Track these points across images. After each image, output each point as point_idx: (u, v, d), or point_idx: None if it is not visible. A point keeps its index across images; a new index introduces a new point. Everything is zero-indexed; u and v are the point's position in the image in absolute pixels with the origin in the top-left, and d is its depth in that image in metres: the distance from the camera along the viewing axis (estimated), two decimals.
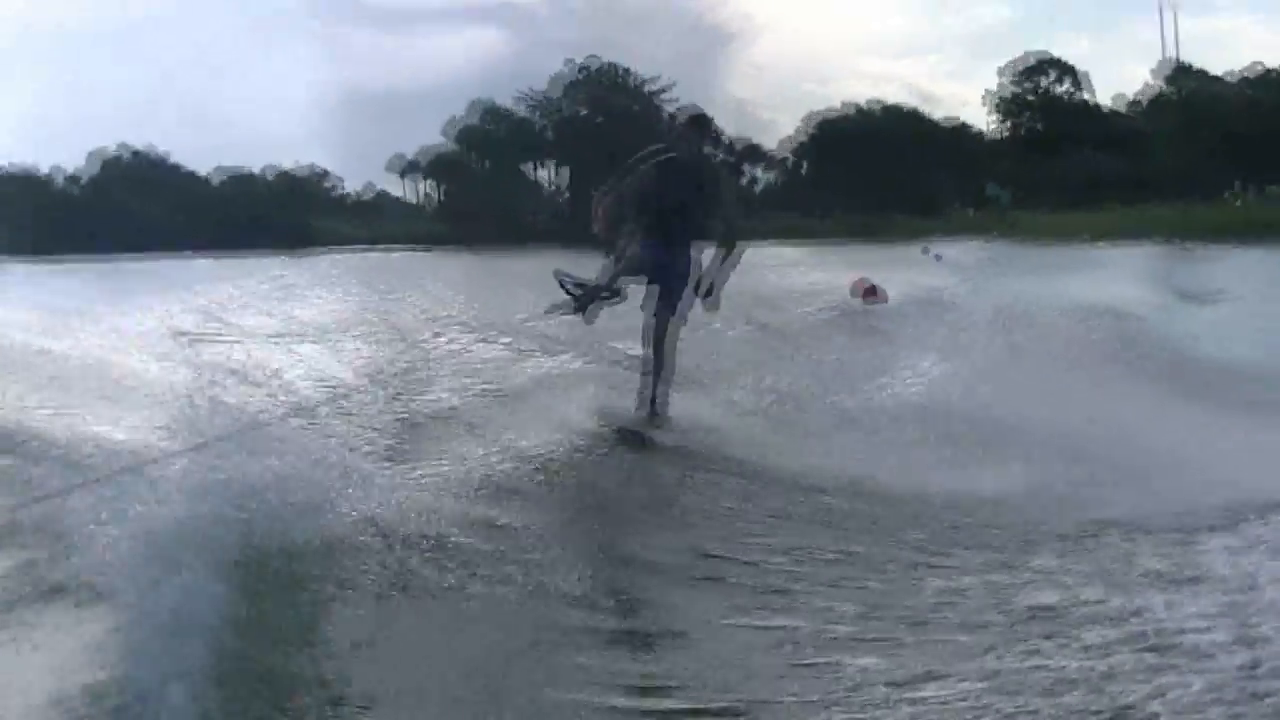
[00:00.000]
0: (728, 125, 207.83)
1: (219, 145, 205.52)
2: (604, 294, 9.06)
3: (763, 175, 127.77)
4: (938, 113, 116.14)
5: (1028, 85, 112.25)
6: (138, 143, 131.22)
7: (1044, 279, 31.52)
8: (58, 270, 68.26)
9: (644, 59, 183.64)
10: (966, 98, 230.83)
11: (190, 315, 17.88)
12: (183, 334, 15.90)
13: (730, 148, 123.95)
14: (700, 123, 9.59)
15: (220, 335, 16.63)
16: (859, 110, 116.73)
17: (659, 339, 9.32)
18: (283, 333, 17.31)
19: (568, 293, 9.06)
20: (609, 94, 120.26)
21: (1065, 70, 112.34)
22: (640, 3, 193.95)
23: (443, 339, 16.45)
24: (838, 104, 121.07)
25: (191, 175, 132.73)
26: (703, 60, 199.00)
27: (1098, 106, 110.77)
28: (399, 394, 12.36)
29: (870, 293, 24.64)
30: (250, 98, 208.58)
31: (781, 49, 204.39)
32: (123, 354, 13.69)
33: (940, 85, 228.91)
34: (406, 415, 11.18)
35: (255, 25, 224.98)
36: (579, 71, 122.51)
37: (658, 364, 9.35)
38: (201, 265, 52.47)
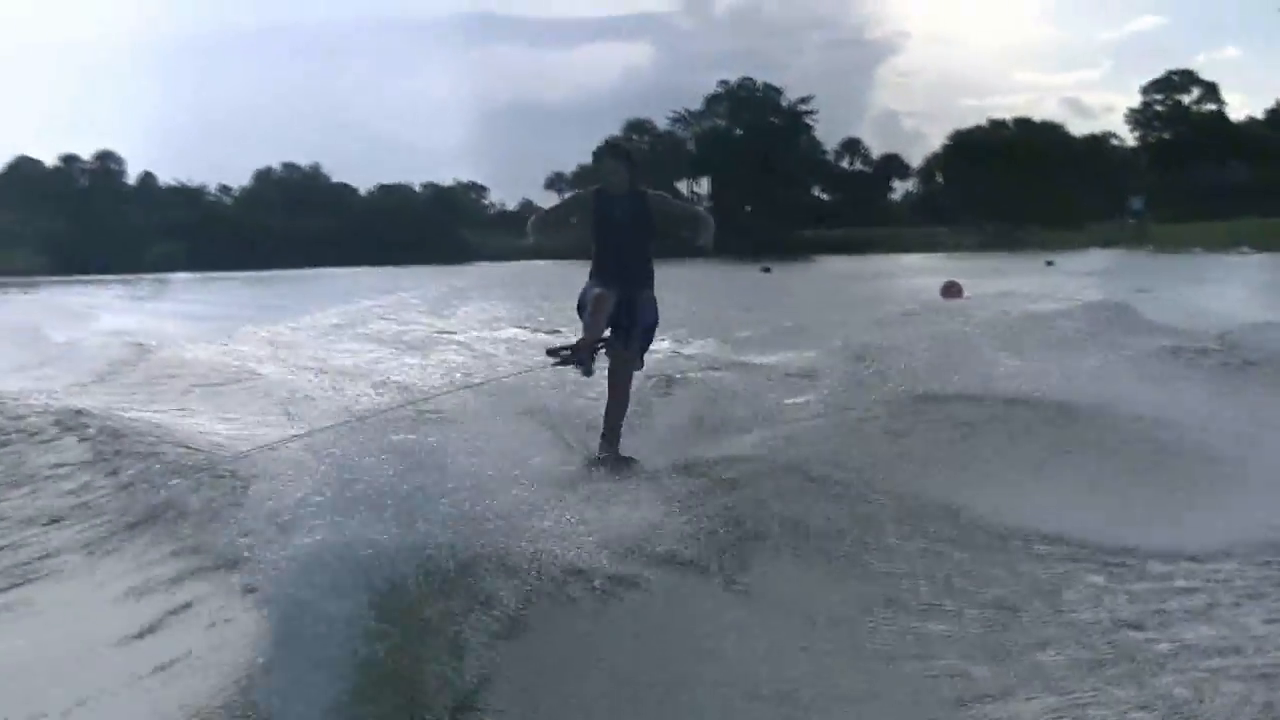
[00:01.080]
0: (876, 136, 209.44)
1: (375, 161, 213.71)
2: (595, 344, 8.45)
3: (901, 185, 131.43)
4: (1092, 125, 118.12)
5: (1165, 100, 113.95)
6: (302, 160, 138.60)
7: (1162, 282, 32.59)
8: (257, 280, 73.27)
9: (794, 71, 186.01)
10: (1120, 109, 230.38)
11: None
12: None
13: (866, 158, 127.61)
14: (616, 152, 9.14)
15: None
16: (992, 124, 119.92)
17: (614, 375, 8.67)
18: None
19: (566, 362, 8.51)
20: (749, 108, 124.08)
21: (1202, 85, 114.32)
22: (790, 15, 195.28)
23: None
24: (991, 116, 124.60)
25: (347, 189, 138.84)
26: (854, 72, 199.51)
27: (1233, 119, 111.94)
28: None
29: (951, 292, 28.19)
30: (404, 113, 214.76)
31: (935, 62, 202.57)
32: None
33: (1095, 96, 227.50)
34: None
35: (408, 43, 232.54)
36: (719, 85, 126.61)
37: (618, 399, 8.72)
38: (366, 277, 55.73)
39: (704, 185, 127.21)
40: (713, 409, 11.25)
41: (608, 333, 8.71)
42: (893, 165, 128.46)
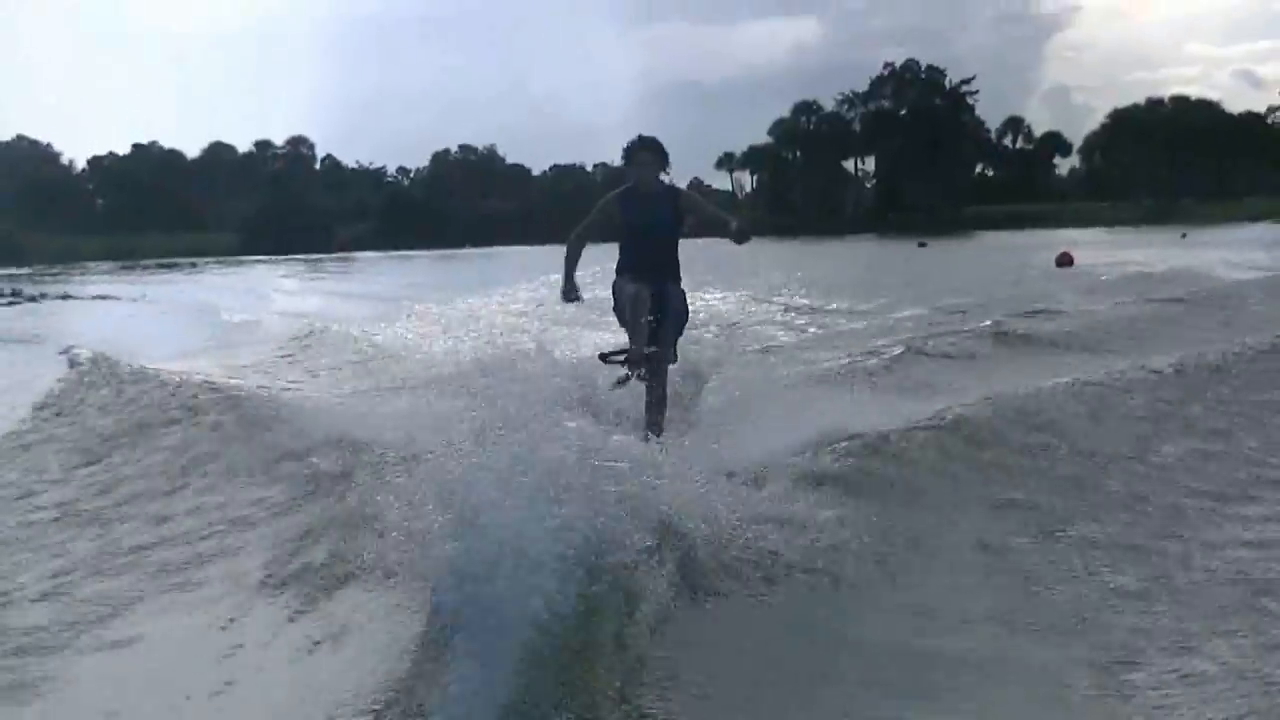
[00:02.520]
0: (1044, 111, 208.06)
1: (548, 142, 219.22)
2: (643, 350, 8.22)
3: (1064, 162, 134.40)
4: (1267, 97, 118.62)
5: None
6: (478, 143, 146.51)
7: None
8: (443, 257, 79.29)
9: (962, 46, 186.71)
10: None
11: None
12: None
13: (1029, 135, 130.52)
14: (649, 146, 8.66)
15: None
16: (1150, 102, 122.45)
17: (651, 374, 8.35)
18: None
19: (619, 363, 8.33)
20: (913, 89, 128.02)
21: None
22: None
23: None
24: (1162, 89, 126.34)
25: (522, 170, 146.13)
26: (1023, 46, 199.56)
27: None
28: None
29: (1064, 261, 33.45)
30: (575, 94, 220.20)
31: (1107, 36, 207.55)
32: None
33: (1269, 68, 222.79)
34: None
35: (578, 23, 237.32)
36: (884, 67, 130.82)
37: (657, 396, 8.44)
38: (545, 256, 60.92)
39: (869, 164, 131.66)
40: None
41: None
42: (1054, 143, 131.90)
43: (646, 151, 8.68)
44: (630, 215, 8.65)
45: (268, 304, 32.99)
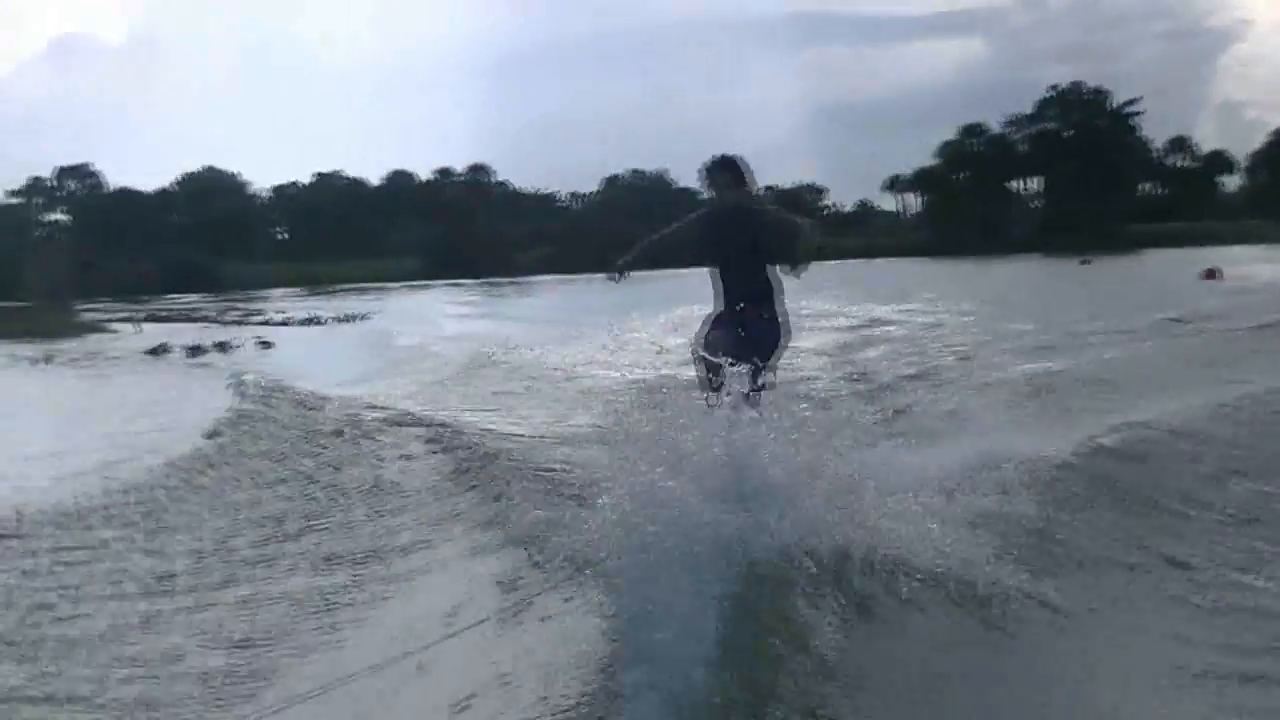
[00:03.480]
0: (1216, 126, 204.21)
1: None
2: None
3: (1227, 180, 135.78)
4: None
5: None
6: (647, 167, 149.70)
7: None
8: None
9: (1131, 62, 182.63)
10: None
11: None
12: None
13: (1194, 154, 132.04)
14: (727, 166, 8.13)
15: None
16: None
17: (752, 404, 7.09)
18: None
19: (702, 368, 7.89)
20: (1078, 110, 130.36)
21: None
22: (1127, 6, 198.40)
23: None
24: None
25: (691, 193, 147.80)
26: (1193, 62, 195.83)
27: None
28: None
29: (1210, 275, 37.01)
30: (741, 115, 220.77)
31: (1277, 51, 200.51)
32: None
33: None
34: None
35: (742, 45, 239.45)
36: (1048, 89, 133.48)
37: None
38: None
39: (1036, 184, 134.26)
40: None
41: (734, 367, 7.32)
42: (1219, 161, 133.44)
43: (722, 172, 8.26)
44: (711, 237, 8.27)
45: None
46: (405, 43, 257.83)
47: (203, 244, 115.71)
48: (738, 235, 8.10)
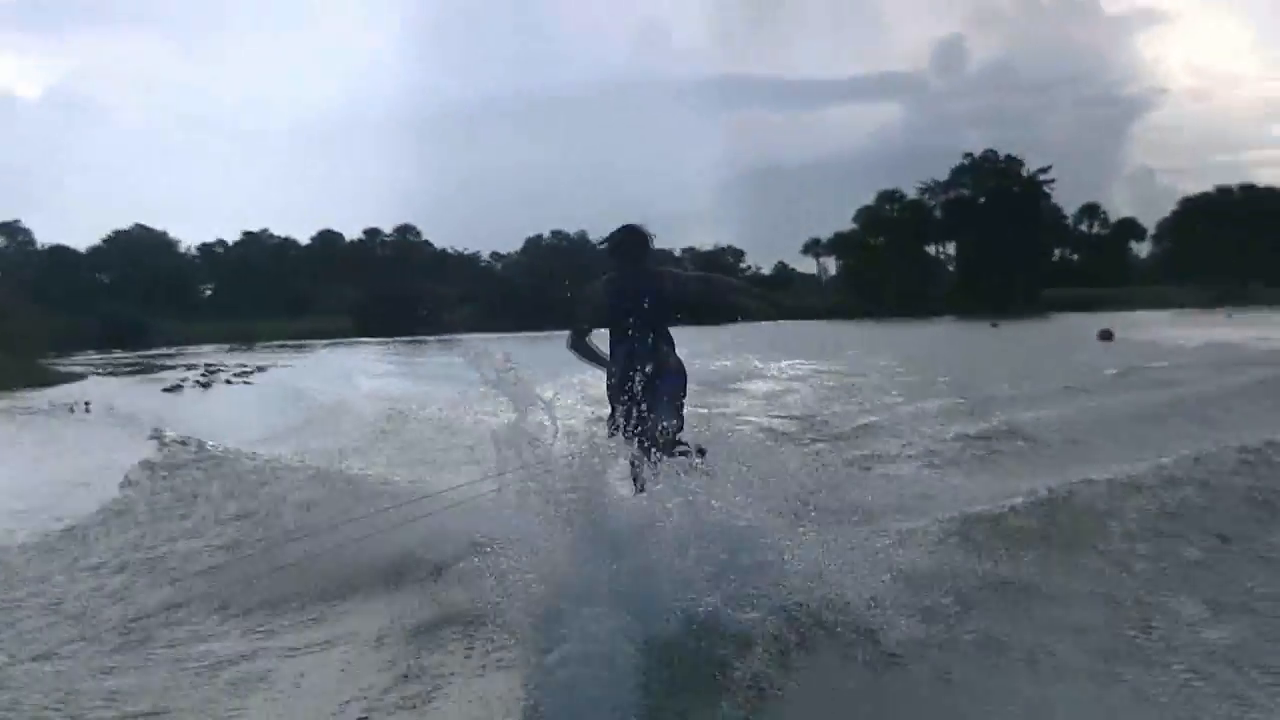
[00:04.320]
0: (1129, 192, 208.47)
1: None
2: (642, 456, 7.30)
3: (1138, 246, 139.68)
4: None
5: None
6: (569, 228, 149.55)
7: None
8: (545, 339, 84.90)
9: (1047, 128, 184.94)
10: None
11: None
12: None
13: (1105, 221, 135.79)
14: (634, 235, 8.53)
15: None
16: (1219, 190, 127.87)
17: (664, 446, 7.28)
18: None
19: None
20: (991, 177, 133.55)
21: None
22: (1043, 73, 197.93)
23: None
24: (1246, 172, 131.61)
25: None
26: (1108, 130, 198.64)
27: None
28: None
29: (1105, 336, 39.17)
30: (659, 178, 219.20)
31: (1193, 118, 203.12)
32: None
33: None
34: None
35: (659, 110, 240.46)
36: (964, 157, 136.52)
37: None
38: None
39: (950, 248, 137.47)
40: None
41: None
42: (1129, 228, 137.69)
43: (626, 240, 8.56)
44: (617, 304, 8.44)
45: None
46: (327, 102, 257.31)
47: (133, 301, 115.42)
48: (641, 296, 8.31)
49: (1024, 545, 7.67)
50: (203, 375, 45.58)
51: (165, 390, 38.76)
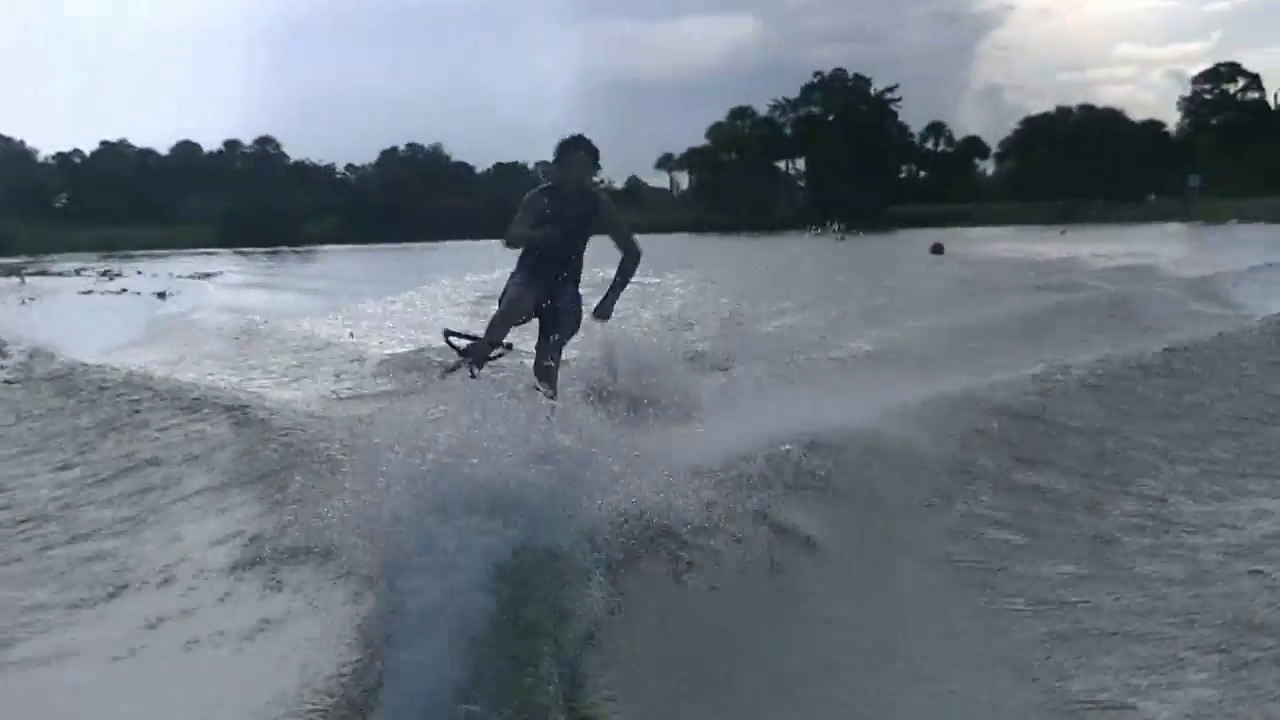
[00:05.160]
0: (974, 112, 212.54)
1: (489, 140, 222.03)
2: (492, 347, 8.00)
3: (982, 164, 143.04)
4: None
5: (1213, 89, 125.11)
6: (425, 140, 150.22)
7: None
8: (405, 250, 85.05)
9: (898, 45, 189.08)
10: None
11: None
12: None
13: (950, 139, 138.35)
14: (584, 146, 8.40)
15: None
16: (1059, 110, 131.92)
17: (539, 374, 7.74)
18: None
19: (457, 350, 8.06)
20: (841, 96, 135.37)
21: (1247, 75, 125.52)
22: None
23: None
24: (1092, 91, 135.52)
25: (466, 168, 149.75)
26: (957, 46, 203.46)
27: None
28: None
29: (936, 250, 40.23)
30: (513, 92, 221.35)
31: (1039, 36, 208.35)
32: None
33: (1201, 70, 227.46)
34: None
35: (515, 20, 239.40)
36: (814, 75, 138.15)
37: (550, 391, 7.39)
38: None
39: (800, 165, 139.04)
40: None
41: (511, 339, 8.32)
42: (974, 146, 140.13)
43: (580, 150, 8.45)
44: (554, 208, 8.31)
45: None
46: (181, 10, 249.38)
47: None
48: (576, 213, 8.40)
49: None
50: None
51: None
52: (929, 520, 6.97)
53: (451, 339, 8.33)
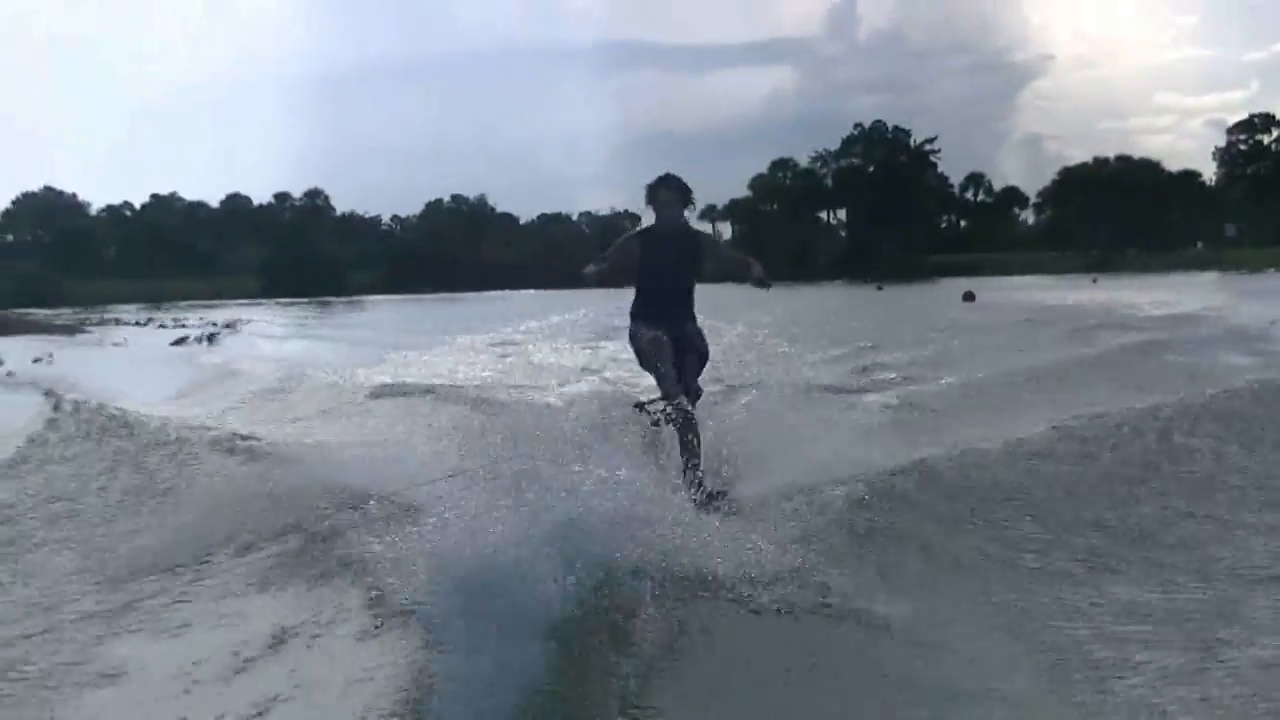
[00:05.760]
0: (1013, 161, 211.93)
1: (534, 191, 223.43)
2: (677, 396, 7.90)
3: (1021, 214, 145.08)
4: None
5: (1248, 140, 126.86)
6: (469, 192, 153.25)
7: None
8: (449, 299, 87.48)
9: (936, 94, 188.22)
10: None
11: None
12: None
13: (989, 189, 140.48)
14: (672, 186, 8.31)
15: None
16: (1096, 160, 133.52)
17: (686, 419, 7.88)
18: None
19: (649, 412, 8.06)
20: (880, 147, 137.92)
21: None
22: (933, 40, 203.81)
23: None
24: (1132, 140, 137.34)
25: (511, 218, 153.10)
26: (997, 95, 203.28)
27: None
28: None
29: (968, 298, 42.13)
30: (557, 144, 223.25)
31: (1079, 85, 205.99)
32: None
33: (1241, 118, 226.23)
34: None
35: (558, 77, 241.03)
36: (854, 127, 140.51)
37: (690, 431, 7.93)
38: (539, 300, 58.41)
39: (841, 215, 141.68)
40: None
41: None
42: (1012, 196, 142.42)
43: (668, 190, 8.40)
44: (650, 256, 8.39)
45: None
46: (223, 65, 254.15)
47: (44, 262, 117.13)
48: (676, 251, 8.44)
49: None
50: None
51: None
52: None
53: (647, 408, 8.33)
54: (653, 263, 8.36)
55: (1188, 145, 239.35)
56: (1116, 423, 10.54)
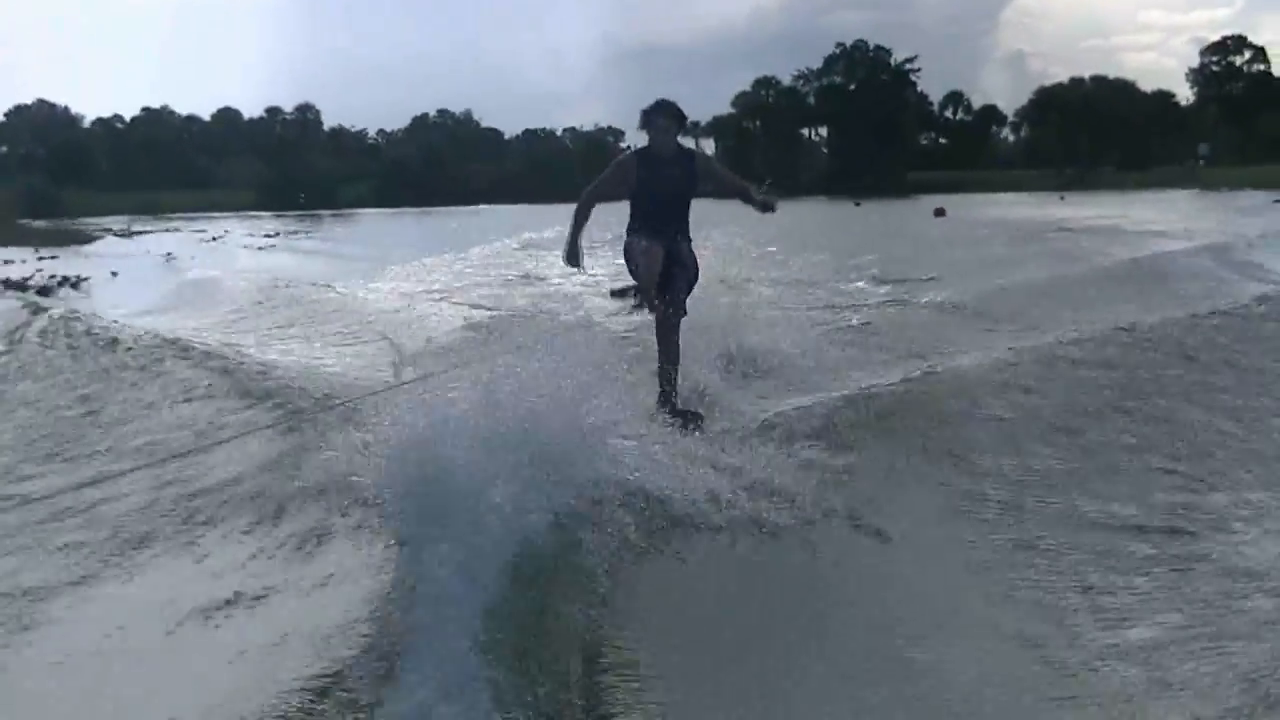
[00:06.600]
0: (995, 78, 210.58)
1: (518, 107, 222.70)
2: (653, 294, 8.07)
3: (1001, 132, 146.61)
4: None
5: (1220, 61, 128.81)
6: (455, 107, 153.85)
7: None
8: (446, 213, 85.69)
9: (919, 9, 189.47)
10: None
11: None
12: None
13: (968, 108, 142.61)
14: (668, 111, 8.33)
15: None
16: (1072, 80, 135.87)
17: (663, 328, 8.18)
18: None
19: (624, 294, 8.39)
20: (862, 67, 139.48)
21: (1252, 48, 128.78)
22: None
23: None
24: (1116, 58, 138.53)
25: (496, 133, 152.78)
26: (983, 12, 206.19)
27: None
28: None
29: (939, 213, 44.77)
30: (541, 59, 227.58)
31: (1063, 3, 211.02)
32: None
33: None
34: None
35: None
36: (836, 47, 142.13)
37: (669, 354, 8.22)
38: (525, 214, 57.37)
39: (823, 133, 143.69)
40: None
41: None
42: (991, 115, 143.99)
43: (663, 116, 8.47)
44: (647, 178, 8.46)
45: None
46: None
47: (41, 174, 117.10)
48: (674, 172, 8.50)
49: None
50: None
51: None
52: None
53: (621, 295, 8.65)
54: (651, 184, 8.49)
55: (1170, 64, 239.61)
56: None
